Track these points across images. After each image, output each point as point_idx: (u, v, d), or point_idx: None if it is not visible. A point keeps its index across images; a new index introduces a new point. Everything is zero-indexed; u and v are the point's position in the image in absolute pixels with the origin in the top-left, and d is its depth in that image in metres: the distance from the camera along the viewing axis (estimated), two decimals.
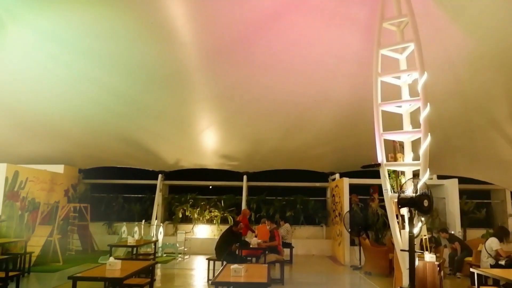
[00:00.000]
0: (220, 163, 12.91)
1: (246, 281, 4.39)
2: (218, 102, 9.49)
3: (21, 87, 8.93)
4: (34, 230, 10.25)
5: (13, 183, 9.91)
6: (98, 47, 7.69)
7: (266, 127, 10.44)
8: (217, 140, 11.39)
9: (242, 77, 8.47)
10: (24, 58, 8.06)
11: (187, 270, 9.52)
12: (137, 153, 12.19)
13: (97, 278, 4.26)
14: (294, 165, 13.02)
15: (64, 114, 9.98)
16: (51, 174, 11.66)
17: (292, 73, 8.25)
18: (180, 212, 13.03)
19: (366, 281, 8.33)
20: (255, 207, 12.91)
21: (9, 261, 6.22)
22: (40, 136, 11.16)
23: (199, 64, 8.07)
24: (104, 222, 13.10)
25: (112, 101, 9.42)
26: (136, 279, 5.29)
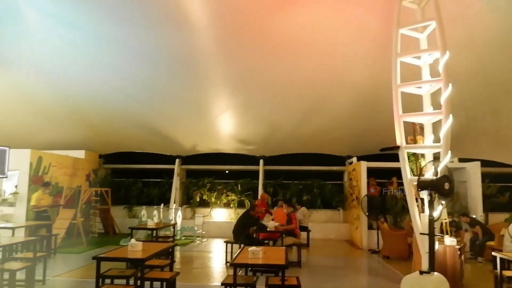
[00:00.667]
0: (236, 148, 12.96)
1: (264, 262, 4.43)
2: (234, 86, 9.47)
3: (42, 75, 9.12)
4: (58, 213, 10.58)
5: (37, 168, 10.22)
6: (116, 33, 7.74)
7: (282, 110, 10.38)
8: (233, 124, 11.40)
9: (257, 61, 8.40)
10: (45, 46, 8.19)
11: (205, 252, 9.70)
12: (155, 138, 12.34)
13: (120, 259, 4.39)
14: (310, 148, 12.95)
15: (84, 100, 10.15)
16: (73, 160, 11.95)
17: (307, 56, 8.12)
18: (197, 196, 13.21)
19: (384, 265, 8.32)
20: (271, 191, 12.95)
21: (36, 242, 6.45)
22: (61, 123, 11.41)
23: (215, 48, 8.04)
24: (124, 206, 13.40)
25: (130, 87, 9.52)
26: (157, 261, 5.42)
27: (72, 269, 7.34)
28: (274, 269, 5.26)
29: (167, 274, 4.98)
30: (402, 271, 7.09)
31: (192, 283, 6.39)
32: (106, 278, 4.54)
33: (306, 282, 5.65)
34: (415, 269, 5.77)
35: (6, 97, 9.91)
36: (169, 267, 5.35)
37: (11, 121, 11.19)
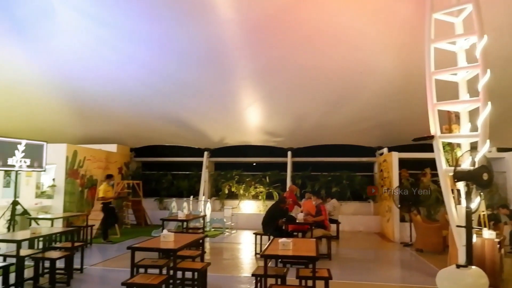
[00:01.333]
0: (264, 140, 12.95)
1: (295, 254, 4.41)
2: (261, 78, 9.42)
3: (74, 72, 9.40)
4: (93, 205, 10.97)
5: (72, 161, 10.61)
6: (144, 29, 7.87)
7: (309, 102, 10.25)
8: (260, 116, 11.38)
9: (284, 52, 8.31)
10: (75, 43, 8.43)
11: (234, 244, 9.79)
12: (184, 131, 12.52)
13: (153, 249, 4.50)
14: (339, 140, 12.74)
15: (114, 96, 10.41)
16: (106, 153, 12.32)
17: (335, 45, 7.95)
18: (226, 188, 13.33)
19: (418, 258, 8.11)
20: (300, 182, 12.88)
21: (74, 233, 6.72)
22: (94, 118, 11.78)
23: (241, 40, 8.01)
24: (155, 198, 13.73)
25: (158, 82, 9.67)
26: (188, 251, 5.52)
27: (107, 259, 7.61)
28: (304, 261, 5.24)
29: (198, 264, 5.05)
30: (437, 264, 6.89)
31: (222, 274, 6.47)
32: (140, 268, 4.67)
33: (337, 274, 5.59)
34: (451, 262, 5.58)
35: (42, 94, 10.30)
36: (200, 257, 5.42)
37: (47, 117, 11.66)
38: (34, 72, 9.40)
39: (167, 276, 4.34)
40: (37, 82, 9.80)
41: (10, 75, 9.43)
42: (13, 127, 12.00)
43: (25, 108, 11.12)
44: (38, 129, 12.18)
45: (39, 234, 5.49)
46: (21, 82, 9.75)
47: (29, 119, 11.85)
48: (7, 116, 11.68)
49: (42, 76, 9.56)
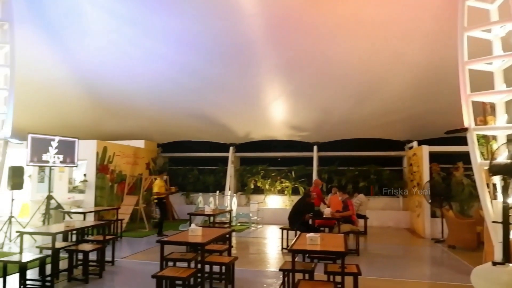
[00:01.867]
0: (289, 134, 12.86)
1: (322, 249, 4.35)
2: (286, 72, 9.34)
3: (102, 70, 9.63)
4: (123, 199, 11.26)
5: (102, 157, 10.92)
6: (170, 25, 7.95)
7: (335, 95, 10.08)
8: (285, 111, 11.31)
9: (309, 45, 8.19)
10: (103, 42, 8.63)
11: (260, 238, 9.80)
12: (209, 127, 12.61)
13: (182, 243, 4.56)
14: (366, 133, 12.49)
15: (141, 92, 10.61)
16: (134, 149, 12.60)
17: (362, 37, 7.75)
18: (251, 183, 13.36)
19: (450, 255, 7.86)
20: (326, 177, 12.73)
21: (105, 226, 6.91)
22: (121, 114, 12.05)
23: (265, 34, 7.96)
24: (182, 192, 13.92)
25: (183, 77, 9.76)
26: (215, 245, 5.56)
27: (136, 252, 7.79)
28: (332, 256, 5.18)
29: (225, 258, 5.08)
30: (471, 261, 6.65)
31: (249, 268, 6.49)
32: (169, 261, 4.74)
33: (365, 270, 5.47)
34: (486, 260, 5.37)
35: (73, 92, 10.62)
36: (227, 252, 5.45)
37: (78, 114, 12.03)
38: (65, 71, 9.70)
39: (195, 270, 4.38)
40: (68, 81, 10.11)
41: (42, 74, 9.77)
42: (47, 125, 12.45)
43: (57, 106, 11.52)
44: (70, 126, 12.59)
45: (72, 228, 5.68)
46: (53, 81, 10.09)
47: (61, 116, 12.27)
48: (40, 114, 12.14)
49: (72, 74, 9.85)
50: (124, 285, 5.66)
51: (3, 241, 8.10)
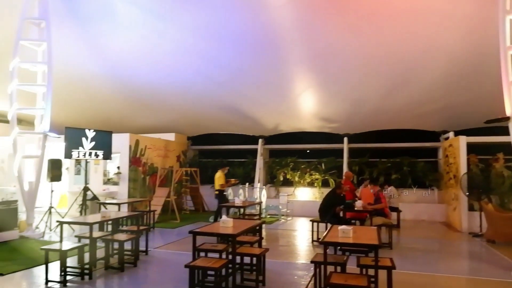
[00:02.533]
0: (319, 126, 12.69)
1: (355, 242, 4.26)
2: (316, 63, 9.18)
3: (134, 64, 9.83)
4: (154, 191, 11.53)
5: (135, 150, 11.19)
6: (199, 18, 7.99)
7: (366, 85, 9.83)
8: (315, 102, 11.15)
9: (339, 35, 8.00)
10: (134, 37, 8.79)
11: (290, 231, 9.77)
12: (238, 119, 12.64)
13: (214, 234, 4.60)
14: (399, 124, 12.11)
15: (172, 86, 10.76)
16: (165, 142, 12.84)
17: (395, 24, 7.49)
18: (281, 175, 13.31)
19: (489, 250, 7.53)
20: (357, 169, 12.49)
21: (139, 217, 7.09)
22: (152, 108, 12.29)
23: (294, 25, 7.84)
24: (212, 185, 14.05)
25: (212, 70, 9.81)
26: (246, 237, 5.58)
27: (168, 242, 7.95)
28: (365, 249, 5.07)
29: (256, 250, 5.09)
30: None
31: (279, 260, 6.47)
32: (200, 252, 4.80)
33: (399, 264, 5.32)
34: None
35: (106, 86, 10.92)
36: (258, 243, 5.45)
37: (111, 108, 12.38)
38: (98, 66, 9.97)
39: (227, 261, 4.41)
40: (101, 76, 10.40)
41: (77, 70, 10.10)
42: (82, 119, 12.92)
43: (91, 100, 11.90)
44: (104, 120, 12.99)
45: (108, 218, 5.85)
46: (87, 76, 10.42)
47: (96, 111, 12.68)
48: (76, 109, 12.59)
49: (105, 69, 10.12)
50: (158, 274, 5.79)
51: (44, 230, 8.50)
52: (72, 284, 5.11)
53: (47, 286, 5.01)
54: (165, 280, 5.44)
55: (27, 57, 8.41)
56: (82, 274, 5.30)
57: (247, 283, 5.03)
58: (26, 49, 8.36)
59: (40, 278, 5.26)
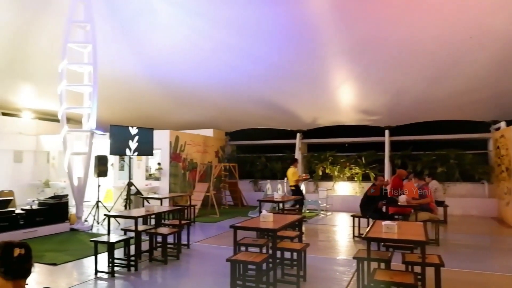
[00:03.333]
0: (358, 119, 12.37)
1: (400, 238, 4.10)
2: (354, 54, 8.93)
3: (172, 62, 10.03)
4: (194, 186, 11.76)
5: (175, 146, 11.47)
6: (234, 15, 8.01)
7: (408, 75, 9.43)
8: (354, 95, 10.87)
9: (378, 24, 7.71)
10: (173, 35, 8.96)
11: (330, 226, 9.62)
12: (275, 114, 12.59)
13: (254, 228, 4.61)
14: (444, 115, 11.54)
15: (209, 82, 10.89)
16: (204, 138, 13.05)
17: (437, 10, 7.07)
18: (320, 169, 13.14)
19: None
20: (399, 163, 12.03)
21: (180, 211, 7.27)
22: (191, 104, 12.52)
23: (330, 16, 7.64)
24: (250, 180, 14.16)
25: (249, 65, 9.82)
26: (286, 232, 5.54)
27: (209, 236, 8.09)
28: (410, 246, 4.88)
29: (297, 245, 5.04)
30: None
31: (320, 256, 6.39)
32: (241, 246, 4.83)
33: (447, 261, 5.06)
34: None
35: (146, 85, 11.25)
36: (298, 238, 5.40)
37: (152, 105, 12.75)
38: (139, 66, 10.29)
39: (267, 255, 4.40)
40: (142, 74, 10.72)
41: (119, 70, 10.47)
42: (125, 116, 13.41)
43: (134, 98, 12.32)
44: (145, 117, 13.42)
45: (152, 212, 6.04)
46: (128, 76, 10.78)
47: (137, 108, 13.11)
48: (119, 107, 13.09)
49: (146, 68, 10.42)
50: (199, 267, 5.90)
51: (92, 223, 8.93)
52: (119, 275, 5.32)
53: (97, 277, 5.25)
54: (207, 273, 5.53)
55: (74, 58, 8.83)
56: (129, 265, 5.51)
57: (288, 278, 5.00)
58: (73, 51, 8.78)
59: (90, 269, 5.52)
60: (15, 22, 8.41)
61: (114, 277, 5.23)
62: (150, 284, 5.21)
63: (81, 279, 5.17)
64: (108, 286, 5.00)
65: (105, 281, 5.13)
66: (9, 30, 8.64)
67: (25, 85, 11.90)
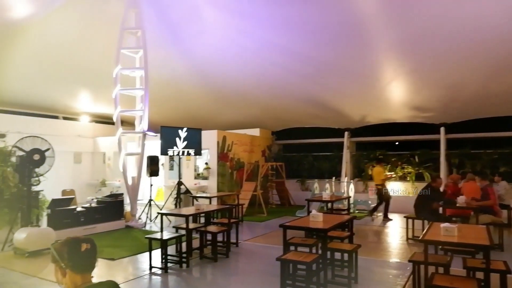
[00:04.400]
0: (411, 116, 11.81)
1: (461, 241, 3.84)
2: (405, 49, 8.53)
3: (218, 63, 10.19)
4: (242, 186, 11.87)
5: (222, 146, 11.66)
6: (278, 13, 7.96)
7: (465, 69, 8.84)
8: (406, 91, 10.40)
9: (431, 16, 7.27)
10: (218, 36, 9.11)
11: (381, 227, 9.27)
12: (322, 112, 12.38)
13: (304, 228, 4.55)
14: (507, 110, 10.68)
15: (255, 82, 10.94)
16: (250, 137, 13.15)
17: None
18: (369, 169, 12.70)
19: None
20: (457, 162, 11.36)
21: (229, 210, 7.36)
22: (237, 104, 12.66)
23: (380, 9, 7.34)
24: (297, 179, 14.04)
25: (295, 64, 9.72)
26: (336, 232, 5.41)
27: (257, 235, 8.11)
28: (471, 250, 4.56)
29: (348, 245, 4.91)
30: None
31: (371, 258, 6.17)
32: (290, 245, 4.78)
33: None
34: None
35: (193, 86, 11.53)
36: (349, 239, 5.25)
37: (199, 106, 13.05)
38: (186, 67, 10.56)
39: (318, 255, 4.32)
40: (189, 76, 11.00)
41: (167, 72, 10.82)
42: (174, 118, 13.86)
43: (182, 100, 12.69)
44: (192, 118, 13.78)
45: (202, 211, 6.17)
46: (176, 77, 11.11)
47: (185, 109, 13.50)
48: (169, 108, 13.55)
49: (192, 70, 10.68)
50: (249, 266, 5.94)
51: (145, 220, 9.31)
52: (172, 271, 5.50)
53: (151, 272, 5.46)
54: (255, 272, 5.55)
55: (126, 64, 9.26)
56: (181, 262, 5.67)
57: (338, 280, 4.88)
58: (125, 57, 9.21)
59: (145, 264, 5.75)
60: (74, 31, 8.97)
61: (167, 273, 5.40)
62: (201, 280, 5.33)
63: (136, 274, 5.40)
64: (162, 282, 5.17)
65: (159, 277, 5.31)
66: (68, 39, 9.23)
67: (83, 91, 12.69)
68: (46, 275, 5.24)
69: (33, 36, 8.98)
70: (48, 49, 9.57)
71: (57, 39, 9.17)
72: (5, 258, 6.25)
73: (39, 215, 7.52)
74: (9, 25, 8.29)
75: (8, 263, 5.93)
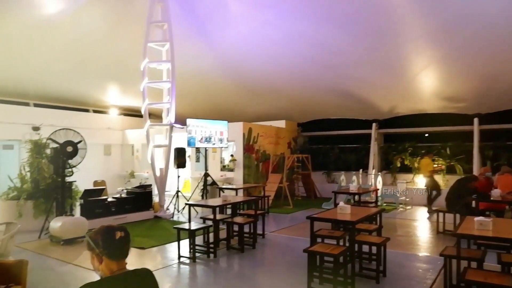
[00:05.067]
0: (442, 106, 11.42)
1: (497, 236, 3.70)
2: (436, 37, 8.23)
3: (244, 55, 10.17)
4: (267, 177, 11.89)
5: (248, 138, 11.68)
6: (305, 4, 7.85)
7: (502, 57, 8.42)
8: (436, 81, 10.04)
9: (464, 4, 6.94)
10: (244, 29, 9.07)
11: (410, 220, 9.07)
12: (350, 103, 12.17)
13: (331, 220, 4.51)
14: None
15: (281, 73, 10.87)
16: (276, 129, 13.11)
17: None
18: (398, 161, 12.42)
19: None
20: (491, 154, 10.90)
21: (256, 202, 7.40)
22: (263, 96, 12.63)
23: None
24: (323, 171, 13.91)
25: (322, 55, 9.58)
26: (364, 225, 5.34)
27: (283, 227, 8.12)
28: (507, 245, 4.39)
29: (376, 238, 4.84)
30: None
31: (399, 251, 6.05)
32: (317, 237, 4.75)
33: None
34: None
35: (219, 78, 11.58)
36: (377, 232, 5.17)
37: (225, 98, 13.11)
38: (212, 60, 10.61)
39: (345, 248, 4.28)
40: (215, 68, 11.05)
41: (194, 64, 10.90)
42: (200, 110, 14.00)
43: (208, 92, 12.78)
44: (218, 110, 13.87)
45: (229, 202, 6.23)
46: (202, 70, 11.18)
47: (211, 101, 13.59)
48: (194, 101, 13.68)
49: (218, 62, 10.71)
50: (274, 257, 5.96)
51: (173, 211, 9.50)
52: (200, 260, 5.60)
53: (180, 261, 5.58)
54: (282, 263, 5.56)
55: (153, 57, 9.39)
56: (208, 252, 5.76)
57: (366, 273, 4.83)
58: (152, 50, 9.34)
59: (173, 253, 5.89)
60: (101, 27, 9.16)
61: (195, 262, 5.50)
62: (228, 271, 5.39)
63: (165, 263, 5.53)
64: (191, 271, 5.27)
65: (187, 266, 5.42)
66: (96, 34, 9.44)
67: (111, 84, 13.00)
68: (81, 262, 5.46)
69: (64, 32, 9.25)
70: (77, 45, 9.84)
71: (85, 35, 9.40)
72: (42, 245, 6.55)
73: (72, 204, 7.83)
74: (42, 22, 8.57)
75: (45, 250, 6.21)
